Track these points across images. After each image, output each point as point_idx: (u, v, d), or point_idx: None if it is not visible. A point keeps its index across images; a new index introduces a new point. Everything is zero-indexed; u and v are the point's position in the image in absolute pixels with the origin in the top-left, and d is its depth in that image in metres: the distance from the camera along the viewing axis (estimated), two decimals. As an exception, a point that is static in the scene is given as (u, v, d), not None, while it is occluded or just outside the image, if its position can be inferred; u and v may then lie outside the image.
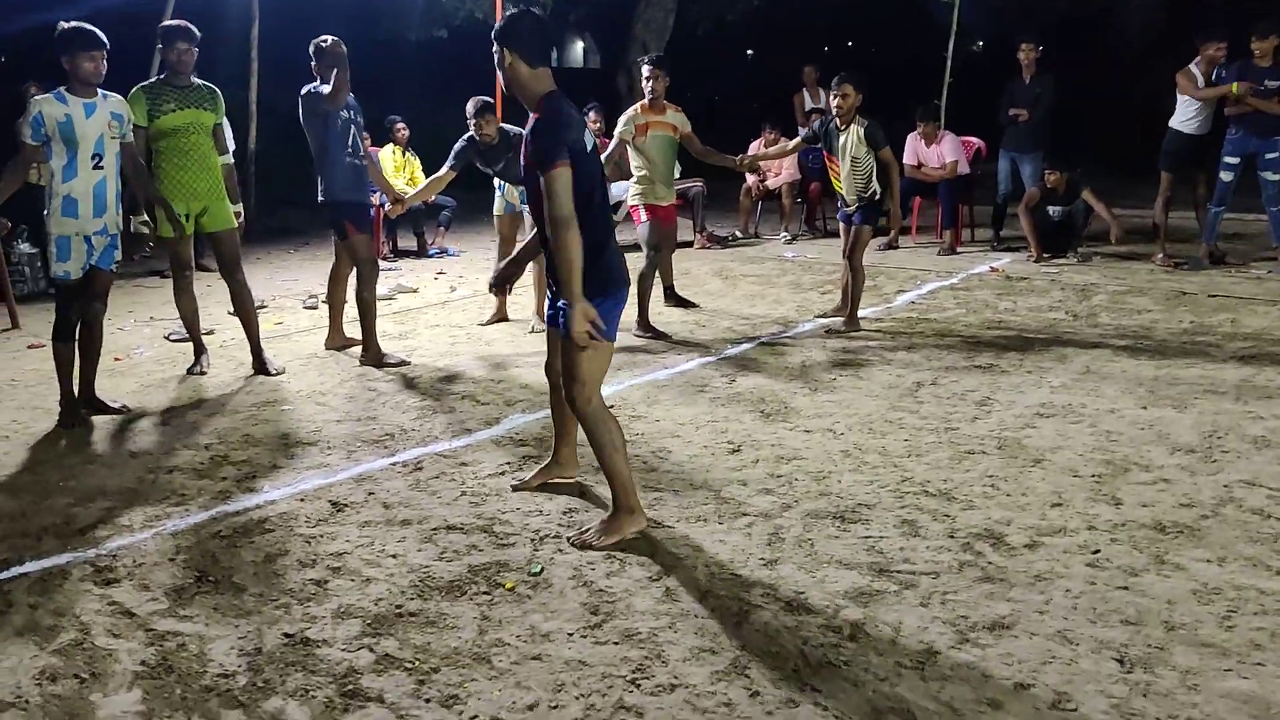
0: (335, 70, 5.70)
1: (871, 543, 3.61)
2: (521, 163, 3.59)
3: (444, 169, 6.70)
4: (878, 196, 6.65)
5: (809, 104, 11.47)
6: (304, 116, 5.94)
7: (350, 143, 5.97)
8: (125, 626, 3.12)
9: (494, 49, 3.53)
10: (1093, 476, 4.17)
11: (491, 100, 6.80)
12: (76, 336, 5.05)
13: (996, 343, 6.32)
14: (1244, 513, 3.80)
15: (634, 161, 6.79)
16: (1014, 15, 16.42)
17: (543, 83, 3.53)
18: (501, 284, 4.25)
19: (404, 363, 6.09)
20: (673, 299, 7.58)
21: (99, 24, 4.93)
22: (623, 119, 6.77)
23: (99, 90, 4.95)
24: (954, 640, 2.97)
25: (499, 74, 3.58)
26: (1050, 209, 9.09)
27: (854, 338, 6.53)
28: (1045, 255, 9.09)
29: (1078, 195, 8.99)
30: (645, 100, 6.78)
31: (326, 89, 5.78)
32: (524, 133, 3.55)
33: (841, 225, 7.04)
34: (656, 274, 7.03)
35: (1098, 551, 3.51)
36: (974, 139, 10.44)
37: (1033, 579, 3.33)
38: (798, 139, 7.40)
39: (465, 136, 6.73)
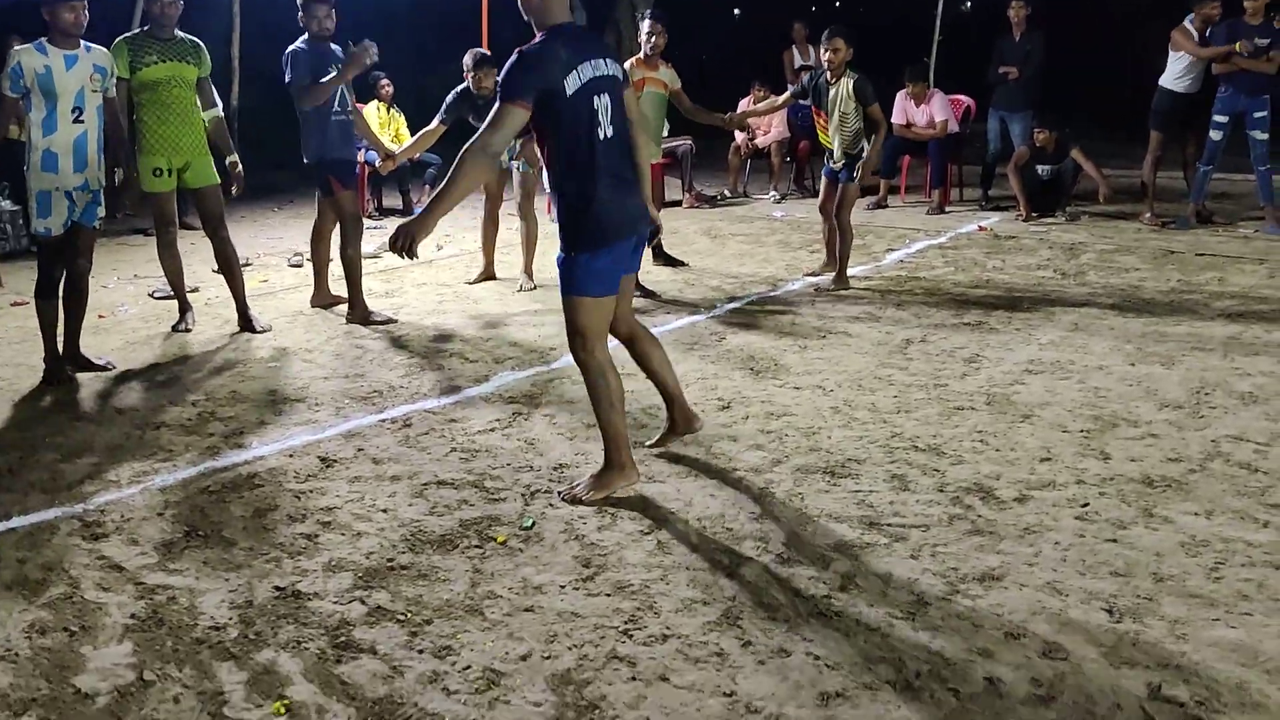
0: (344, 68, 5.67)
1: (861, 497, 3.62)
2: None
3: (434, 122, 6.63)
4: (865, 154, 6.61)
5: (798, 61, 11.38)
6: (290, 75, 5.83)
7: (339, 100, 5.90)
8: (115, 580, 3.11)
9: None
10: (1081, 431, 4.18)
11: (490, 54, 6.72)
12: (61, 294, 5.00)
13: (985, 300, 6.32)
14: (1231, 467, 3.82)
15: None
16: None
17: (552, 14, 3.41)
18: None
19: (391, 321, 6.06)
20: (661, 258, 7.54)
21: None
22: None
23: (81, 42, 4.86)
24: (944, 591, 2.99)
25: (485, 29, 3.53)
26: (1039, 168, 9.08)
27: (843, 296, 6.52)
28: (1034, 214, 9.09)
29: (1067, 154, 8.97)
30: (641, 55, 6.73)
31: (311, 82, 5.70)
32: None
33: (825, 180, 7.00)
34: None
35: (1086, 505, 3.53)
36: (963, 97, 10.39)
37: (1022, 532, 3.34)
38: (786, 94, 7.35)
39: (459, 89, 6.65)
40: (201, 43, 5.74)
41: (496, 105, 3.31)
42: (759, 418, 4.40)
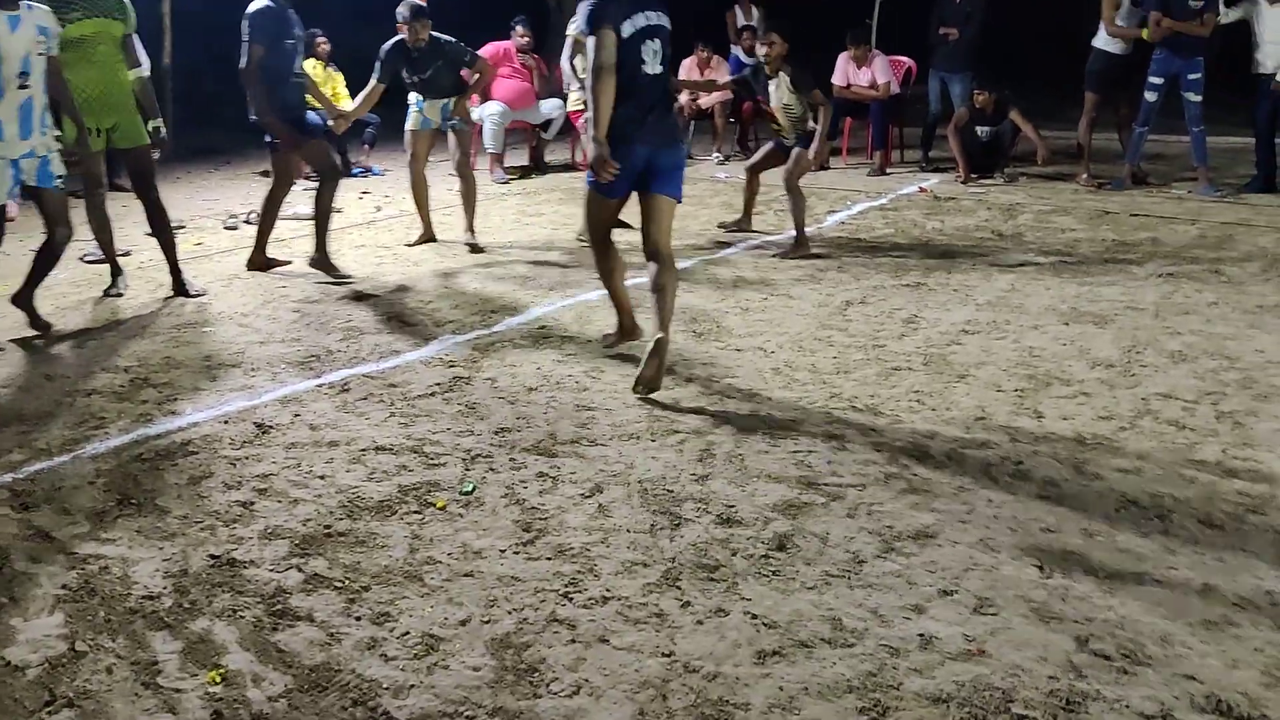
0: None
1: (800, 457, 3.65)
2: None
3: (373, 81, 6.60)
4: (816, 133, 6.71)
5: (741, 20, 11.33)
6: (251, 34, 5.70)
7: (298, 63, 5.88)
8: (45, 550, 3.05)
9: None
10: (1015, 391, 4.25)
11: (425, 5, 6.61)
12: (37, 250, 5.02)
13: (924, 262, 6.38)
14: (1160, 424, 3.91)
15: (580, 65, 6.97)
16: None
17: None
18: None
19: (347, 278, 6.06)
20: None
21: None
22: (576, 21, 6.82)
23: (21, 2, 4.66)
24: (880, 549, 3.03)
25: None
26: (978, 129, 9.14)
27: (785, 257, 6.53)
28: (973, 176, 9.16)
29: (1005, 116, 9.04)
30: None
31: (264, 53, 5.68)
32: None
33: (770, 145, 7.09)
34: None
35: (1020, 463, 3.59)
36: (904, 59, 10.42)
37: (956, 490, 3.40)
38: (727, 79, 7.39)
39: (392, 41, 6.57)
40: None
41: (592, 38, 4.07)
42: (701, 380, 4.41)
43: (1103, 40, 8.59)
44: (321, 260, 6.12)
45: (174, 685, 2.45)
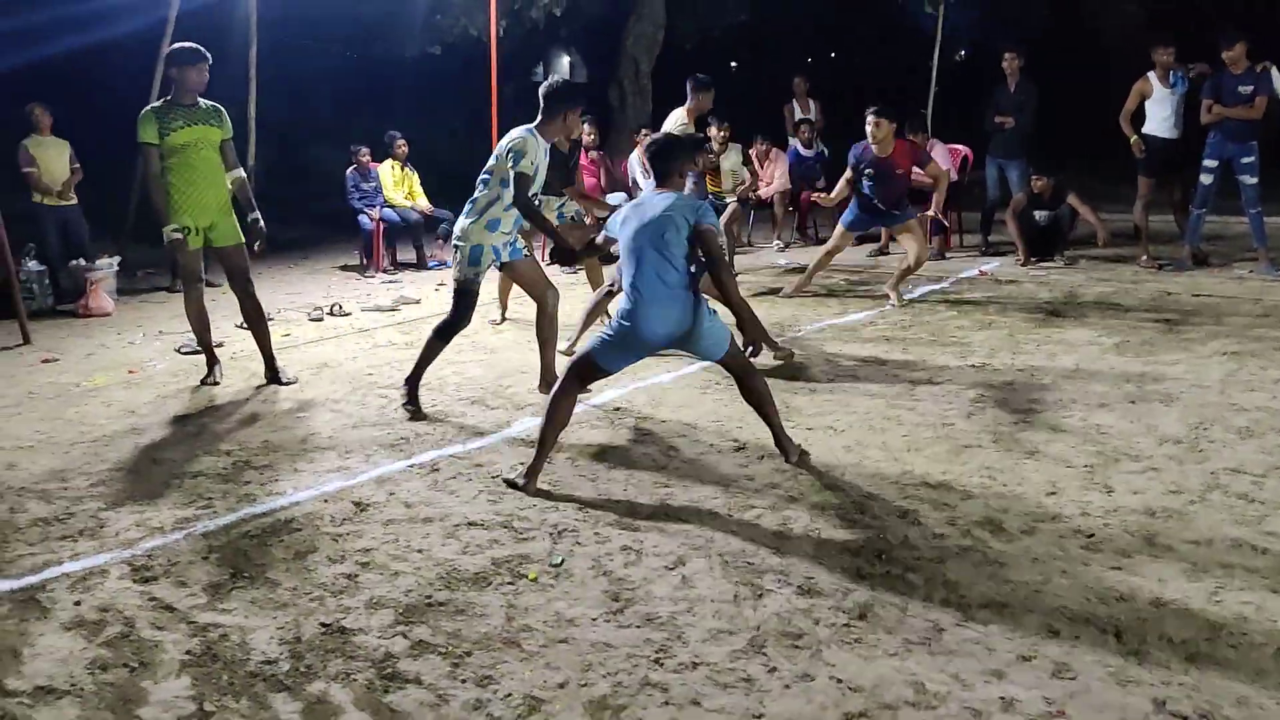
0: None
1: (875, 532, 3.77)
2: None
3: None
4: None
5: (798, 114, 11.66)
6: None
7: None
8: (168, 619, 3.26)
9: None
10: (1085, 466, 4.35)
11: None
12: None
13: (988, 343, 6.50)
14: (1230, 498, 3.98)
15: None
16: (998, 23, 16.66)
17: None
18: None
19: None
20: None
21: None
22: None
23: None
24: (958, 619, 3.14)
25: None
26: (1036, 213, 9.30)
27: (845, 340, 6.69)
28: (1033, 258, 9.30)
29: (1063, 200, 9.20)
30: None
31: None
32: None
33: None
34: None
35: (1092, 535, 3.68)
36: (960, 146, 10.65)
37: (1031, 561, 3.50)
38: (784, 170, 7.95)
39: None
40: (222, 108, 5.98)
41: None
42: (773, 458, 4.56)
43: (1150, 125, 8.75)
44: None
45: (296, 742, 2.62)
